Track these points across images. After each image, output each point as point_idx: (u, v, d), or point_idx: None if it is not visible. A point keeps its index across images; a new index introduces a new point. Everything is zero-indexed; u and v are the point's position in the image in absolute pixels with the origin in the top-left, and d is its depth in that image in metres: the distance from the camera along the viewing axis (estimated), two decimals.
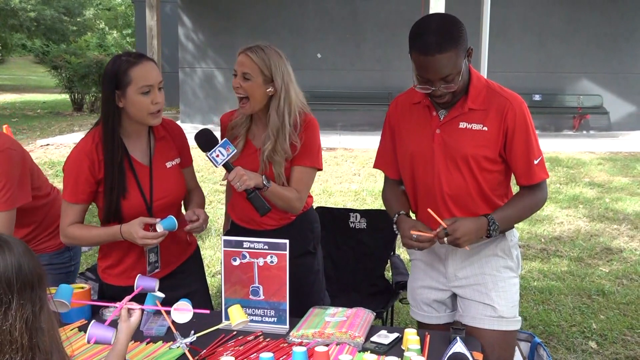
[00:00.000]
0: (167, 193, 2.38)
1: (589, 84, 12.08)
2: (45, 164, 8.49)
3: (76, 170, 2.29)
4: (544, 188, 2.24)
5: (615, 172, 8.49)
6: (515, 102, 2.15)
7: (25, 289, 1.37)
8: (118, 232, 2.25)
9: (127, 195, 2.29)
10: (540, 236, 5.95)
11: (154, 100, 2.25)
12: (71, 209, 2.32)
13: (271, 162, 2.47)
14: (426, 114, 2.22)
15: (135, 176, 2.33)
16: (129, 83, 2.21)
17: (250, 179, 2.30)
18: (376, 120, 11.91)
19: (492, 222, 2.12)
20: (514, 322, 2.27)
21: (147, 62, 2.27)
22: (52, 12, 23.75)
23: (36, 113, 15.41)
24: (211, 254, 5.32)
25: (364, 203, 7.00)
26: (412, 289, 2.46)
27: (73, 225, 2.32)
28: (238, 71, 2.44)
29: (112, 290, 2.43)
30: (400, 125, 2.31)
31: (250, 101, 2.44)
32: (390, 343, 2.08)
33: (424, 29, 2.04)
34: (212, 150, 2.30)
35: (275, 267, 2.20)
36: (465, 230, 2.08)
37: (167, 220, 2.25)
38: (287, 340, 2.12)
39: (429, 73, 2.03)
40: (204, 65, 12.53)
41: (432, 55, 1.99)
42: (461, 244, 2.08)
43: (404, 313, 4.10)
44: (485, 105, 2.15)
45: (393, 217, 2.29)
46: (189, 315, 1.99)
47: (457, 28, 2.03)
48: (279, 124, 2.44)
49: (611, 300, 4.46)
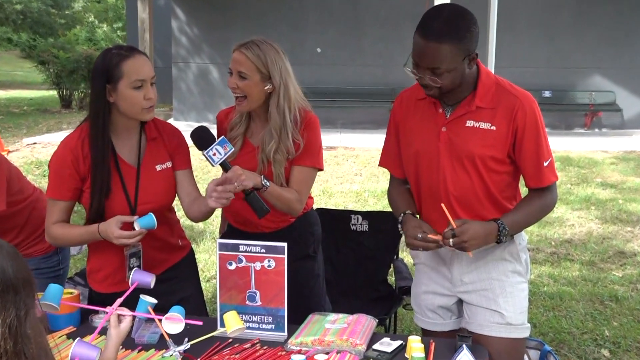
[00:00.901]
0: (153, 197, 2.36)
1: (601, 79, 12.08)
2: (32, 163, 8.49)
3: (59, 165, 2.30)
4: (553, 191, 2.24)
5: (629, 172, 8.49)
6: (526, 101, 2.14)
7: (8, 293, 1.37)
8: (96, 231, 2.24)
9: (111, 195, 2.29)
10: (550, 239, 5.96)
11: (146, 96, 2.25)
12: (55, 206, 2.33)
13: (271, 161, 2.46)
14: (432, 111, 2.22)
15: (120, 176, 2.32)
16: (121, 77, 2.21)
17: (249, 179, 2.29)
18: (378, 117, 11.92)
19: (503, 227, 2.12)
20: (522, 329, 2.27)
21: (139, 55, 2.27)
22: (39, 4, 23.76)
23: (22, 110, 15.40)
24: (206, 258, 5.32)
25: (365, 204, 7.01)
26: (416, 294, 2.46)
27: (57, 224, 2.33)
28: (233, 70, 2.43)
29: (100, 296, 2.42)
30: (405, 122, 2.31)
31: (247, 99, 2.44)
32: (393, 351, 2.08)
33: (434, 14, 2.06)
34: (209, 149, 2.30)
35: (273, 272, 2.20)
36: (474, 233, 2.07)
37: (145, 218, 2.22)
38: (285, 348, 2.12)
39: (419, 58, 2.05)
40: (198, 61, 12.53)
41: (428, 40, 2.00)
42: (468, 248, 2.08)
43: (407, 320, 4.10)
44: (494, 104, 2.14)
45: (398, 217, 2.29)
46: (180, 326, 1.98)
47: (466, 25, 2.03)
48: (280, 122, 2.44)
49: (625, 306, 4.46)
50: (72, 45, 18.48)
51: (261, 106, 2.48)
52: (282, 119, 2.44)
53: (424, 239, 2.13)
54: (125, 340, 1.94)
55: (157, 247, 2.44)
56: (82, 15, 31.60)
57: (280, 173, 2.47)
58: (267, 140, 2.47)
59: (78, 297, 2.31)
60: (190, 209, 2.42)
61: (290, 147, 2.45)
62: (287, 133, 2.44)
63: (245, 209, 2.48)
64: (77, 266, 4.75)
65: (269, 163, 2.47)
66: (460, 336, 2.06)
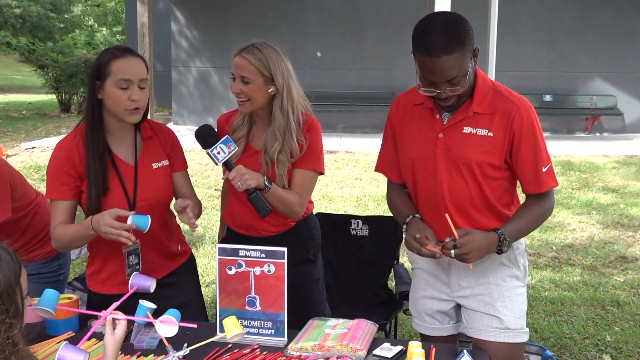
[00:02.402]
0: (152, 194, 2.38)
1: (603, 83, 12.09)
2: (30, 167, 8.49)
3: (56, 165, 2.31)
4: (551, 196, 2.24)
5: (630, 177, 8.49)
6: (523, 107, 2.14)
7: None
8: (89, 223, 2.22)
9: (109, 193, 2.30)
10: (551, 244, 5.96)
11: (131, 97, 2.25)
12: (56, 207, 2.33)
13: (275, 162, 2.47)
14: (429, 117, 2.22)
15: (118, 174, 2.33)
16: (108, 75, 2.24)
17: (252, 179, 2.32)
18: (379, 121, 11.86)
19: (504, 237, 2.12)
20: (521, 334, 2.27)
21: (132, 57, 2.28)
22: (38, 8, 23.81)
23: (21, 114, 15.41)
24: (205, 263, 5.32)
25: (366, 209, 7.01)
26: (414, 299, 2.46)
27: (59, 225, 2.33)
28: (236, 75, 2.44)
29: (100, 299, 2.42)
30: (402, 127, 2.30)
31: (251, 102, 2.45)
32: (393, 356, 2.07)
33: (428, 28, 2.03)
34: (213, 147, 2.31)
35: (273, 277, 2.20)
36: (476, 245, 2.07)
37: (140, 217, 2.21)
38: (285, 353, 2.11)
39: (433, 75, 2.02)
40: (198, 64, 12.54)
41: (437, 56, 1.97)
42: (469, 260, 2.08)
43: (408, 325, 4.09)
44: (491, 109, 2.14)
45: (403, 220, 2.27)
46: (174, 329, 1.97)
47: (463, 27, 2.03)
48: (284, 123, 2.45)
49: (626, 311, 4.46)
50: (71, 50, 18.47)
51: (264, 109, 2.49)
52: (286, 120, 2.45)
53: (420, 241, 2.12)
54: (124, 346, 1.94)
55: (157, 252, 2.44)
56: (81, 19, 31.65)
57: (283, 174, 2.48)
58: (270, 142, 2.47)
59: (77, 302, 2.30)
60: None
61: (295, 147, 2.46)
62: (291, 134, 2.46)
63: (245, 212, 2.48)
64: (75, 271, 4.75)
65: (273, 164, 2.48)
66: (461, 341, 2.06)
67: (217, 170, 4.43)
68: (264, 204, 2.34)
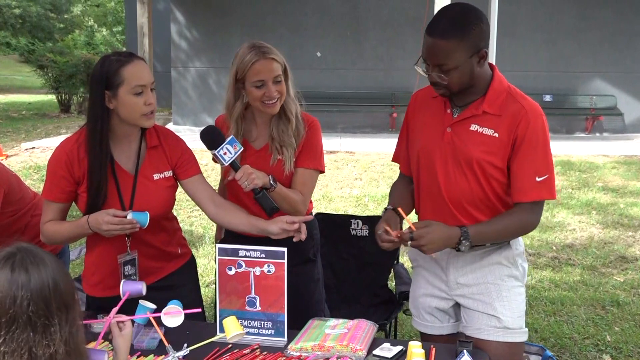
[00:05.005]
0: (149, 205, 2.33)
1: (602, 83, 12.09)
2: (30, 168, 8.49)
3: (54, 166, 2.31)
4: (536, 210, 2.19)
5: (630, 177, 8.49)
6: (532, 113, 2.13)
7: (62, 309, 1.38)
8: (85, 223, 2.23)
9: (106, 202, 2.29)
10: (551, 244, 5.96)
11: (147, 101, 2.26)
12: (49, 207, 2.34)
13: (283, 145, 2.49)
14: (441, 109, 2.25)
15: (116, 183, 2.32)
16: (121, 83, 2.21)
17: (259, 178, 2.33)
18: (378, 122, 11.93)
19: (465, 237, 2.11)
20: (520, 334, 2.28)
21: (138, 61, 2.27)
22: (38, 8, 23.84)
23: (21, 115, 15.40)
24: (205, 263, 5.32)
25: (365, 209, 7.01)
26: (414, 297, 2.47)
27: (50, 222, 2.34)
28: (268, 78, 2.41)
29: (96, 301, 2.43)
30: (415, 118, 2.36)
31: (280, 99, 2.47)
32: (393, 356, 2.08)
33: (442, 12, 2.12)
34: (220, 148, 2.31)
35: (273, 277, 2.20)
36: (432, 238, 2.08)
37: (139, 213, 2.23)
38: (285, 353, 2.12)
39: (427, 55, 2.10)
40: (198, 64, 12.54)
41: (433, 37, 2.05)
42: (425, 252, 2.10)
43: (408, 325, 4.09)
44: (501, 111, 2.15)
45: (383, 211, 2.32)
46: (180, 319, 1.99)
47: (470, 23, 2.05)
48: (294, 106, 2.51)
49: (626, 311, 4.46)
50: (70, 50, 18.50)
51: None
52: (294, 104, 2.51)
53: (380, 237, 2.15)
54: None
55: (152, 256, 2.43)
56: (81, 20, 31.69)
57: (290, 157, 2.49)
58: (279, 126, 2.50)
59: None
60: (221, 216, 2.46)
61: (302, 129, 2.51)
62: (299, 117, 2.51)
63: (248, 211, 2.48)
64: (75, 271, 4.75)
65: (281, 151, 2.49)
66: (460, 341, 2.06)
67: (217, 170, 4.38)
68: (270, 203, 2.36)
